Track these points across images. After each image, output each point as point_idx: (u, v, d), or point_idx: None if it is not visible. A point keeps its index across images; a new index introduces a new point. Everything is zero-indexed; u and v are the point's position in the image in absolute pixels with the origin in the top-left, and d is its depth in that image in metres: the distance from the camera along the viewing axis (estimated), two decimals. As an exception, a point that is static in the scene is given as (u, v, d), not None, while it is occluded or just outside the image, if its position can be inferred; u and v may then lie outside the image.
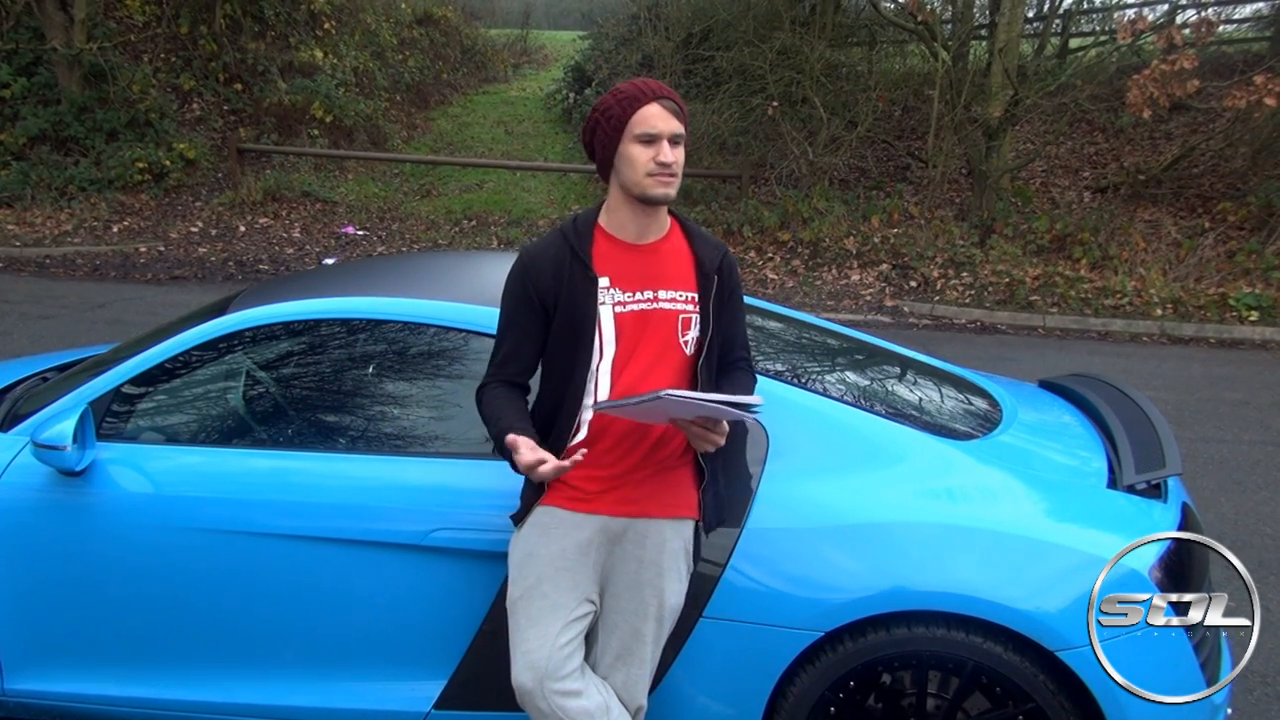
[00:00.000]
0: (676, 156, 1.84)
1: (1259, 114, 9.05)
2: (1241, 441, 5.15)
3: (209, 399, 2.45)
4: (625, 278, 1.90)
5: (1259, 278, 8.48)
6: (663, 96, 1.84)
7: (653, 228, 1.92)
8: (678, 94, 1.89)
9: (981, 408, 2.62)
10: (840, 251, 9.57)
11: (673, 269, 1.93)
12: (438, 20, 15.49)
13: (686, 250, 1.96)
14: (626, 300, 1.89)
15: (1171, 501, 2.17)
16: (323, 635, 2.23)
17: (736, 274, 2.02)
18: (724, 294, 1.97)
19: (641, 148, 1.83)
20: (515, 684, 1.84)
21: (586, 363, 1.88)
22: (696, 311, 1.92)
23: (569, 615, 1.86)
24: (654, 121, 1.82)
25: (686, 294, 1.92)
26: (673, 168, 1.83)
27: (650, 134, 1.82)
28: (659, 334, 1.90)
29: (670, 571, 1.91)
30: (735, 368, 2.03)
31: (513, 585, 1.91)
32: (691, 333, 1.92)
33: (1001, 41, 9.76)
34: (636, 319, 1.89)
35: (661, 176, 1.83)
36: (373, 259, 4.63)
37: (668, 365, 1.90)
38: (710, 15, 11.58)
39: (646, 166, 1.82)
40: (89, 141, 10.84)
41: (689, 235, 1.98)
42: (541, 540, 1.90)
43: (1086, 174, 11.09)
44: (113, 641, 2.31)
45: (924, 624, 1.99)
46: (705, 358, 1.93)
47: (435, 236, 10.49)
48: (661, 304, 1.90)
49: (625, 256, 1.91)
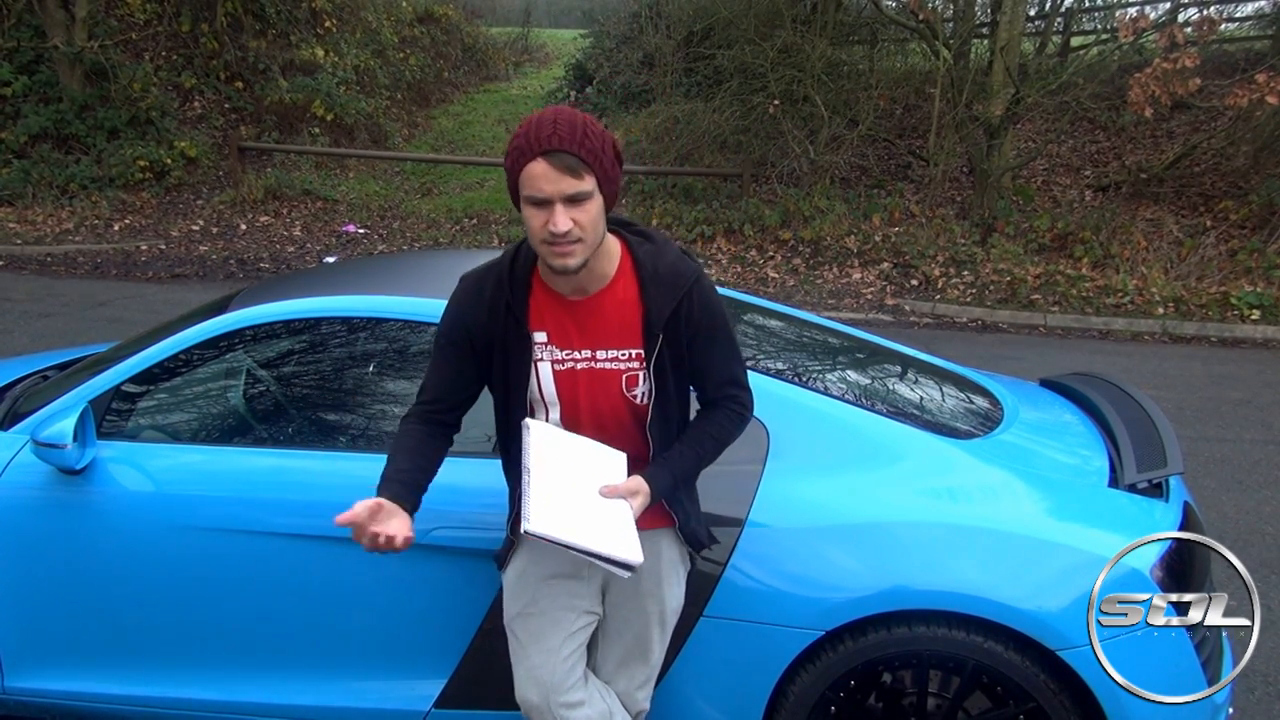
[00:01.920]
0: (577, 217, 1.55)
1: (1261, 112, 9.04)
2: (1243, 440, 5.14)
3: (209, 397, 2.44)
4: (561, 335, 1.73)
5: (1260, 276, 8.46)
6: (551, 150, 1.52)
7: (587, 282, 1.71)
8: (585, 124, 1.56)
9: (982, 407, 2.61)
10: (841, 250, 9.56)
11: (614, 325, 1.72)
12: (439, 18, 15.49)
13: (634, 299, 1.72)
14: (564, 358, 1.74)
15: (1173, 500, 2.16)
16: (322, 634, 2.23)
17: (705, 310, 1.74)
18: (680, 341, 1.74)
19: (533, 210, 1.58)
20: (521, 700, 1.83)
21: (531, 414, 1.78)
22: (643, 368, 1.74)
23: (570, 629, 1.84)
24: (538, 184, 1.54)
25: (629, 351, 1.73)
26: (571, 234, 1.55)
27: (536, 198, 1.56)
28: (602, 391, 1.76)
29: (669, 577, 1.90)
30: (716, 406, 1.83)
31: (509, 603, 1.88)
32: (640, 388, 1.75)
33: (1003, 40, 9.74)
34: (576, 377, 1.75)
35: (557, 247, 1.57)
36: (373, 257, 4.62)
37: (617, 416, 1.78)
38: (711, 13, 11.57)
39: (540, 234, 1.58)
40: (90, 140, 10.84)
41: (641, 278, 1.72)
42: (534, 560, 1.85)
43: (1088, 172, 11.08)
44: (112, 640, 2.31)
45: (925, 623, 1.99)
46: (656, 413, 1.77)
47: (436, 235, 10.49)
48: (600, 364, 1.74)
49: (563, 312, 1.73)
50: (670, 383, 1.77)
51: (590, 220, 1.59)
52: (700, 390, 1.84)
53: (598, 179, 1.58)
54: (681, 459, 1.79)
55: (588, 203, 1.57)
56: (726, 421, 1.83)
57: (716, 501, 2.04)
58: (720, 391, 1.82)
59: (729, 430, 1.84)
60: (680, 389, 1.82)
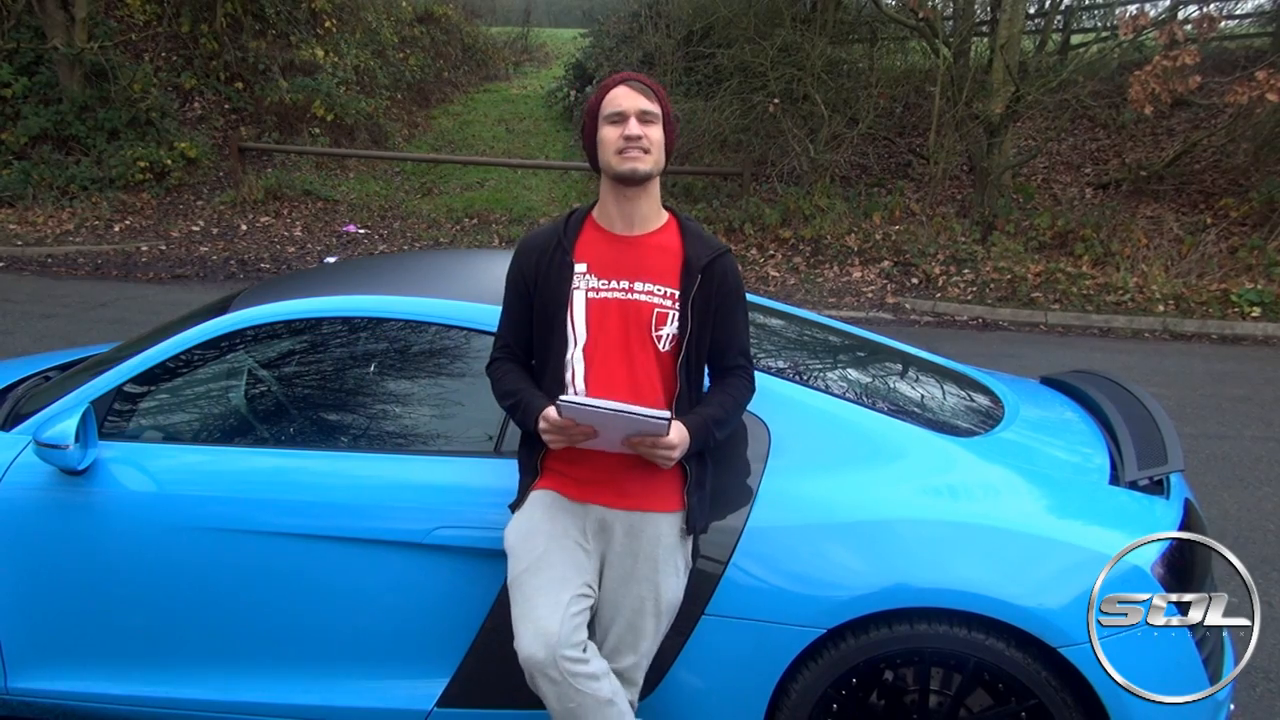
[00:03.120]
0: (646, 132, 1.87)
1: (1261, 110, 9.03)
2: (1244, 437, 5.14)
3: (211, 398, 2.45)
4: (603, 265, 1.92)
5: (1261, 273, 8.46)
6: (630, 79, 1.91)
7: (639, 218, 1.94)
8: (656, 81, 1.95)
9: (983, 404, 2.62)
10: (842, 249, 9.56)
11: (655, 263, 1.93)
12: (439, 18, 15.48)
13: (677, 247, 1.95)
14: (600, 287, 1.91)
15: (1174, 498, 2.16)
16: (324, 633, 2.23)
17: (733, 277, 1.98)
18: (711, 294, 1.93)
19: (611, 128, 1.89)
20: (524, 656, 1.78)
21: (561, 348, 1.90)
22: (674, 308, 1.91)
23: (576, 588, 1.85)
24: (619, 101, 1.88)
25: (665, 289, 1.91)
26: (642, 142, 1.86)
27: (616, 113, 1.88)
28: (631, 325, 1.90)
29: (666, 565, 1.91)
30: (729, 374, 2.00)
31: (515, 561, 1.89)
32: (667, 329, 1.91)
33: (1003, 38, 9.74)
34: (608, 306, 1.90)
35: (629, 151, 1.86)
36: (374, 257, 4.63)
37: (641, 359, 1.90)
38: (711, 12, 11.57)
39: (615, 144, 1.87)
40: (90, 141, 10.84)
41: (685, 234, 1.97)
42: (545, 516, 1.91)
43: (1088, 170, 11.07)
44: (115, 640, 2.31)
45: (926, 621, 1.99)
46: (685, 357, 1.91)
47: (436, 235, 10.49)
48: (636, 295, 1.90)
49: (608, 246, 1.94)
50: (696, 329, 1.91)
51: (656, 139, 1.89)
52: (718, 358, 2.00)
53: (662, 114, 1.91)
54: (709, 409, 1.93)
55: (655, 124, 1.89)
56: (741, 387, 2.00)
57: (718, 499, 2.05)
58: (735, 361, 2.00)
59: (743, 395, 2.01)
60: (700, 347, 1.94)
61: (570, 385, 1.90)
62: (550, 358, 1.92)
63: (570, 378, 1.90)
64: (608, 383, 1.88)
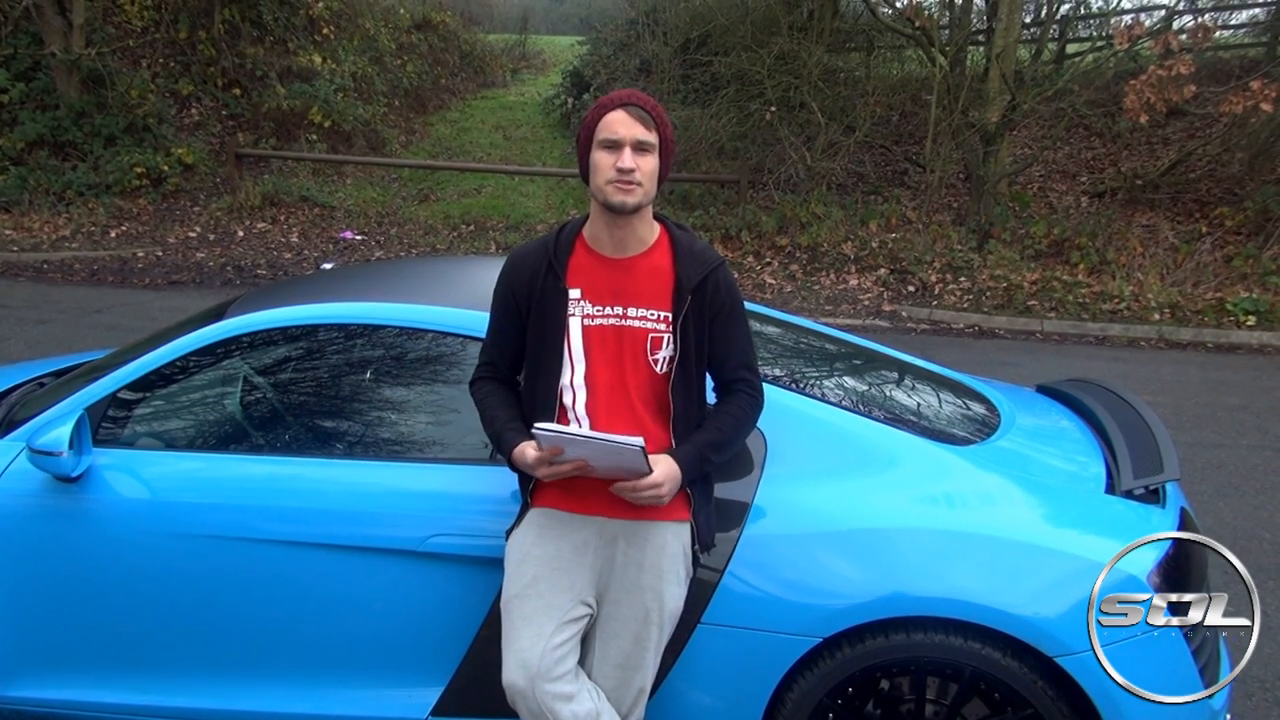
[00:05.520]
0: (640, 164, 1.80)
1: (1256, 119, 9.07)
2: (1239, 446, 5.15)
3: (206, 404, 2.44)
4: (596, 291, 1.89)
5: (1256, 282, 8.49)
6: (630, 104, 1.81)
7: (629, 241, 1.89)
8: (657, 102, 1.86)
9: (979, 413, 2.62)
10: (838, 256, 9.57)
11: (647, 286, 1.89)
12: (436, 25, 15.50)
13: (668, 267, 1.90)
14: (595, 314, 1.88)
15: (1170, 506, 2.17)
16: (319, 641, 2.22)
17: (728, 291, 1.93)
18: (704, 312, 1.89)
19: (605, 154, 1.82)
20: (506, 683, 1.83)
21: (558, 372, 1.88)
22: (669, 331, 1.88)
23: (564, 616, 1.85)
24: (615, 127, 1.80)
25: (658, 313, 1.88)
26: (634, 175, 1.79)
27: (612, 139, 1.80)
28: (626, 351, 1.88)
29: (670, 575, 1.90)
30: (732, 389, 1.96)
31: (508, 584, 1.91)
32: (664, 352, 1.88)
33: (999, 47, 9.78)
34: (604, 333, 1.88)
35: (619, 183, 1.79)
36: (371, 264, 4.62)
37: (638, 383, 1.89)
38: (708, 20, 11.61)
39: (607, 173, 1.80)
40: (87, 146, 10.84)
41: (676, 251, 1.92)
42: (538, 540, 1.90)
43: (1084, 179, 11.11)
44: (108, 648, 2.30)
45: (922, 630, 1.99)
46: (680, 378, 1.88)
47: (433, 241, 10.49)
48: (629, 321, 1.88)
49: (599, 270, 1.90)
50: (692, 350, 1.88)
51: (649, 171, 1.82)
52: (718, 373, 1.96)
53: (660, 141, 1.84)
54: (705, 434, 1.90)
55: (650, 155, 1.82)
56: (743, 403, 1.94)
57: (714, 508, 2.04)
58: (735, 374, 1.95)
59: (746, 412, 1.95)
60: (699, 366, 1.92)
61: (571, 410, 1.88)
62: (541, 382, 1.90)
63: (571, 402, 1.88)
64: (609, 409, 1.87)
